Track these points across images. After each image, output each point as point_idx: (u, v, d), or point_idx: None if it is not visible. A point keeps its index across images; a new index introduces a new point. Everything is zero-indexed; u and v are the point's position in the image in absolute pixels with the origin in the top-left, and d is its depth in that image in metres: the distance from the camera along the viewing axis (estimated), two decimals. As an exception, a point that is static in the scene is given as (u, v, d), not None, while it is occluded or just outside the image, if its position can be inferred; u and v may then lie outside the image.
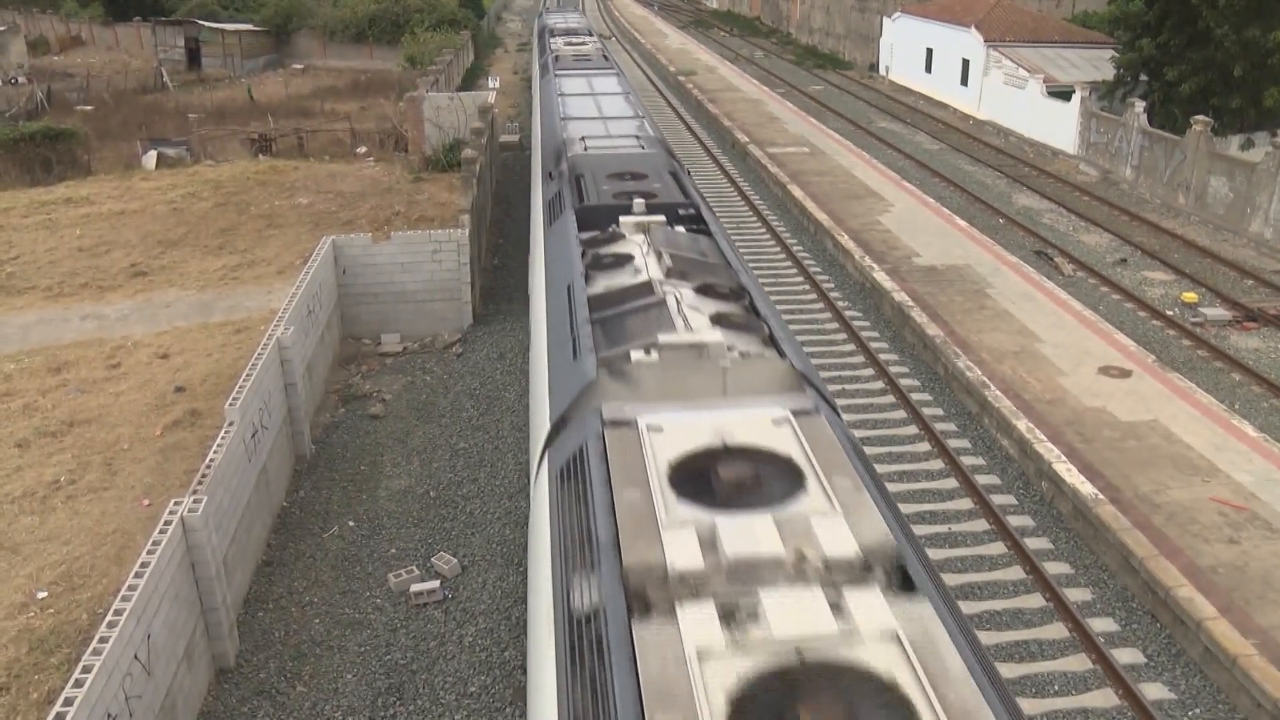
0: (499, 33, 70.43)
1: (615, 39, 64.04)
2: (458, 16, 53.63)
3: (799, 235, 23.58)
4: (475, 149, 21.43)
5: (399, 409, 15.02)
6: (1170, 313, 18.69)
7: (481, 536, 11.83)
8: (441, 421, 14.66)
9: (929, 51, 41.96)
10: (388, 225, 22.08)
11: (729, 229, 22.89)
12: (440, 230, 17.58)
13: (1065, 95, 31.21)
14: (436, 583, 10.84)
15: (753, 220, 24.78)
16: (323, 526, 12.09)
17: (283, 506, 12.45)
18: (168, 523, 8.81)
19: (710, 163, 30.77)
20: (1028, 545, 11.58)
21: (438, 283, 17.49)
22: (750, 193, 27.23)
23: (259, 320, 17.04)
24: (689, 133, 35.22)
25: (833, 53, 57.19)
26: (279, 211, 23.66)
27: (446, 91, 32.10)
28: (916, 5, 45.69)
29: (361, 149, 31.42)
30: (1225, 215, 23.72)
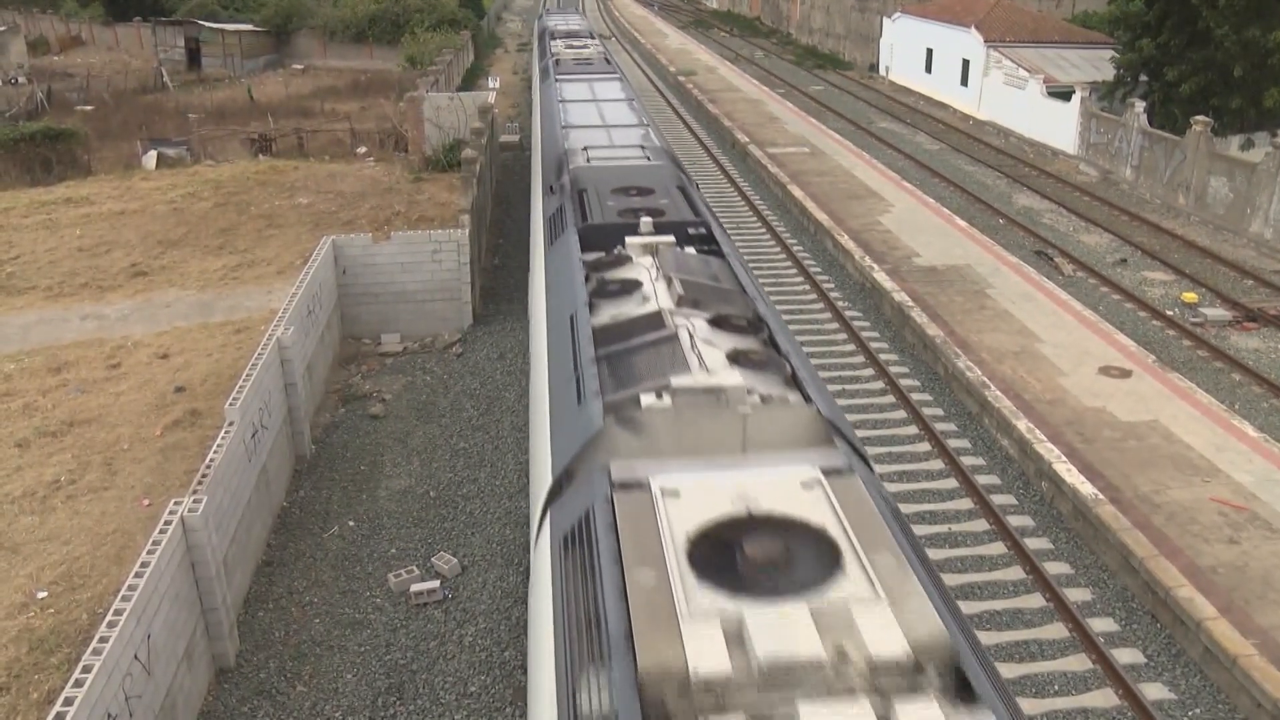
0: (499, 33, 70.44)
1: (615, 39, 64.06)
2: (458, 16, 53.65)
3: (799, 235, 23.59)
4: (475, 149, 21.43)
5: (399, 409, 15.03)
6: (1170, 313, 18.69)
7: (481, 536, 11.83)
8: (441, 421, 14.66)
9: (929, 52, 41.97)
10: (388, 225, 22.09)
11: (729, 228, 22.89)
12: (440, 230, 17.59)
13: (1065, 95, 31.22)
14: (436, 583, 10.84)
15: (753, 220, 24.79)
16: (323, 526, 12.10)
17: (283, 506, 12.45)
18: (168, 523, 8.82)
19: (710, 163, 30.79)
20: (1028, 545, 11.58)
21: (438, 283, 17.50)
22: (750, 193, 27.24)
23: (259, 320, 17.05)
24: (689, 133, 35.24)
25: (833, 53, 57.20)
26: (279, 211, 23.66)
27: (446, 91, 32.10)
28: (916, 5, 45.69)
29: (361, 149, 31.42)
30: (1225, 215, 23.73)
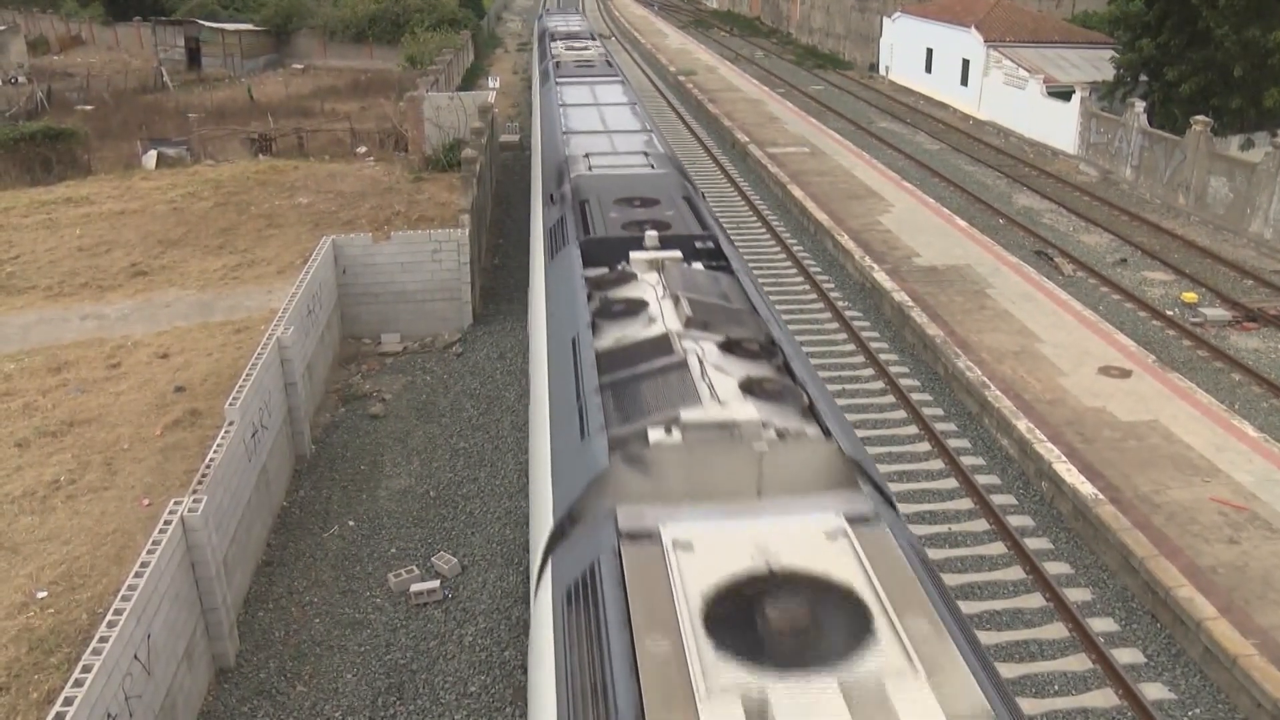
0: (499, 33, 70.43)
1: (615, 39, 64.06)
2: (458, 16, 53.66)
3: (799, 235, 23.59)
4: (475, 149, 21.43)
5: (399, 409, 15.03)
6: (1170, 313, 18.69)
7: (481, 536, 11.83)
8: (441, 421, 14.66)
9: (929, 51, 41.97)
10: (388, 225, 22.08)
11: (729, 228, 22.87)
12: (440, 230, 17.59)
13: (1065, 95, 31.22)
14: (436, 582, 10.84)
15: (753, 220, 24.79)
16: (323, 526, 12.10)
17: (283, 506, 12.45)
18: (168, 522, 8.81)
19: (710, 163, 30.79)
20: (1028, 545, 11.58)
21: (438, 283, 17.50)
22: (750, 193, 27.24)
23: (259, 320, 17.04)
24: (689, 132, 35.24)
25: (833, 53, 57.20)
26: (279, 211, 23.66)
27: (446, 91, 32.10)
28: (916, 5, 45.70)
29: (361, 149, 31.43)
30: (1225, 215, 23.72)
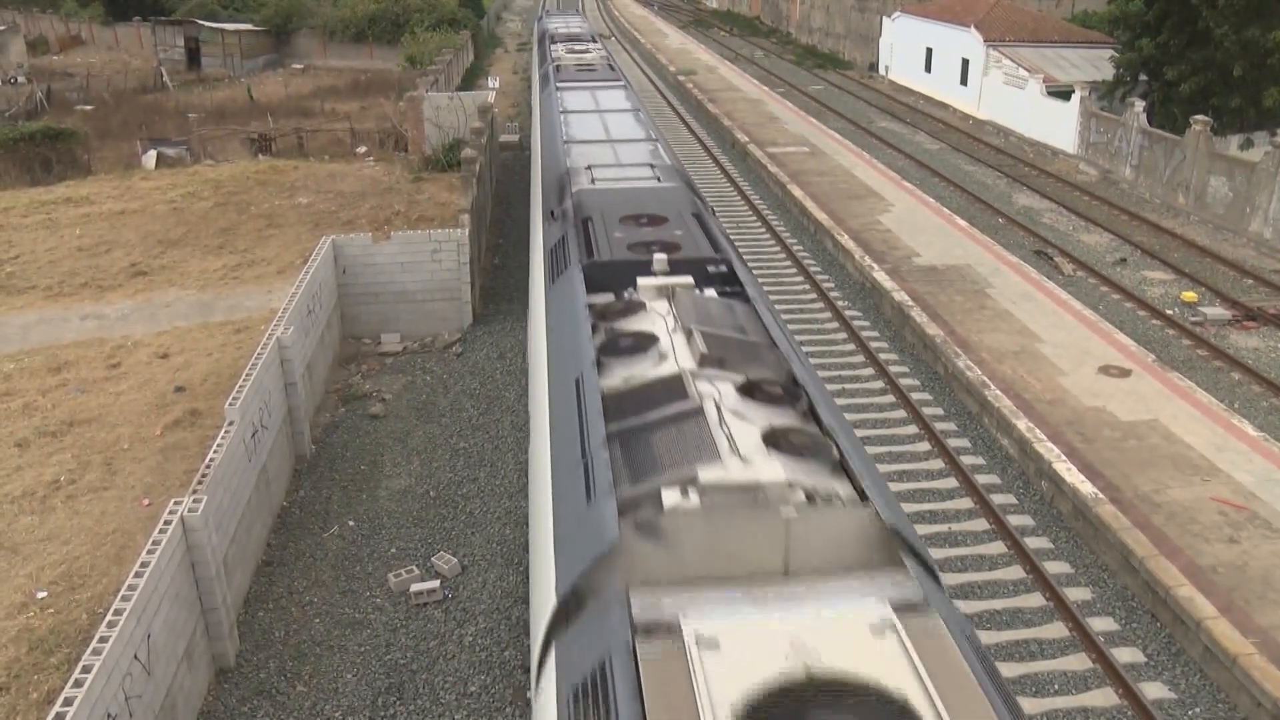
0: (499, 32, 70.44)
1: (615, 38, 64.06)
2: (457, 16, 53.67)
3: (799, 235, 23.59)
4: (475, 149, 21.43)
5: (399, 409, 15.03)
6: (1170, 312, 18.69)
7: (481, 536, 11.83)
8: (441, 421, 14.66)
9: (929, 51, 41.96)
10: (388, 225, 22.08)
11: (729, 227, 22.87)
12: (440, 230, 17.59)
13: (1065, 95, 31.21)
14: (436, 582, 10.84)
15: (752, 220, 24.79)
16: (323, 526, 12.10)
17: (283, 506, 12.46)
18: (167, 522, 8.82)
19: (710, 162, 30.79)
20: (1028, 545, 11.58)
21: (438, 282, 17.50)
22: (750, 192, 27.24)
23: (259, 320, 17.04)
24: (689, 132, 35.24)
25: (832, 52, 57.20)
26: (279, 211, 23.66)
27: (446, 91, 32.11)
28: (916, 5, 45.69)
29: (361, 149, 31.42)
30: (1225, 215, 23.72)
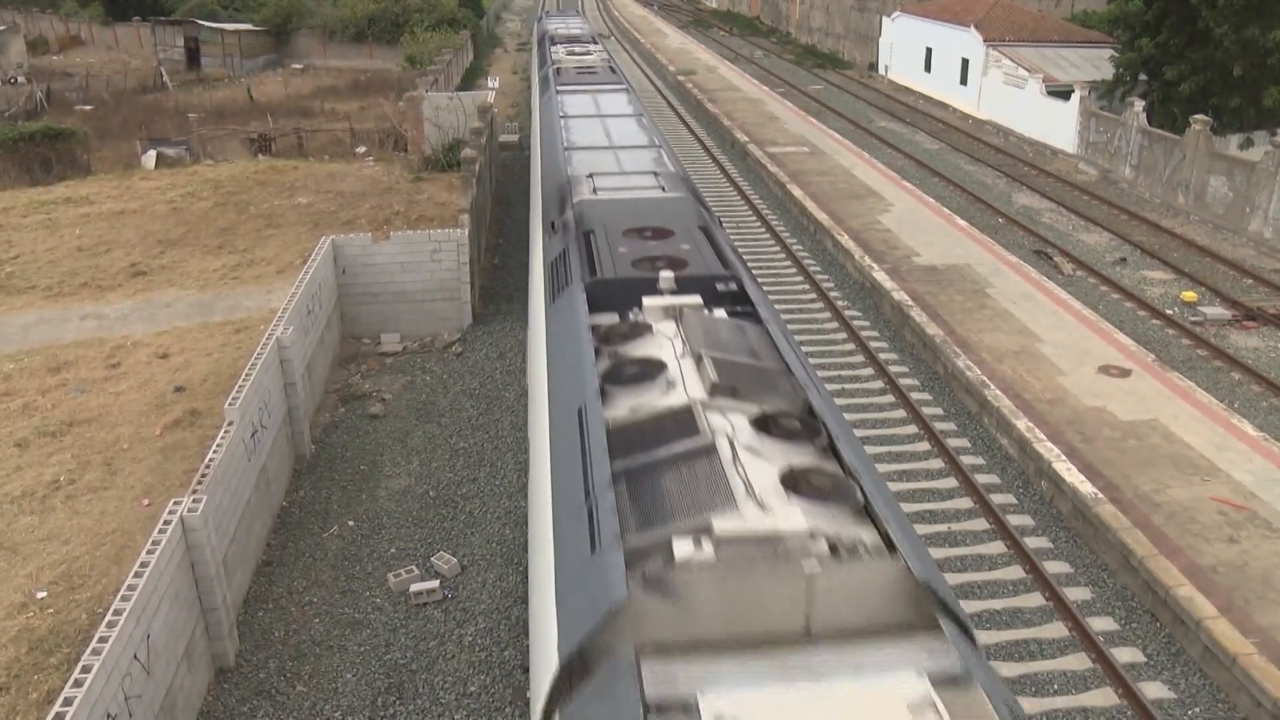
0: (498, 32, 70.44)
1: (615, 38, 64.07)
2: (457, 16, 53.68)
3: (799, 235, 23.59)
4: (475, 149, 21.43)
5: (399, 409, 15.03)
6: (1170, 312, 18.69)
7: (481, 536, 11.84)
8: (441, 421, 14.66)
9: (928, 51, 41.97)
10: (387, 225, 22.08)
11: (729, 228, 22.85)
12: (440, 230, 17.59)
13: (1065, 95, 31.21)
14: (436, 582, 10.84)
15: (752, 220, 24.79)
16: (322, 526, 12.10)
17: (282, 506, 12.45)
18: (167, 522, 8.82)
19: (710, 162, 30.79)
20: (1027, 544, 11.59)
21: (437, 282, 17.50)
22: (750, 192, 27.24)
23: (259, 320, 17.04)
24: (688, 132, 35.24)
25: (832, 52, 57.21)
26: (279, 211, 23.66)
27: (446, 91, 32.10)
28: (916, 5, 45.69)
29: (361, 149, 31.42)
30: (1225, 214, 23.73)
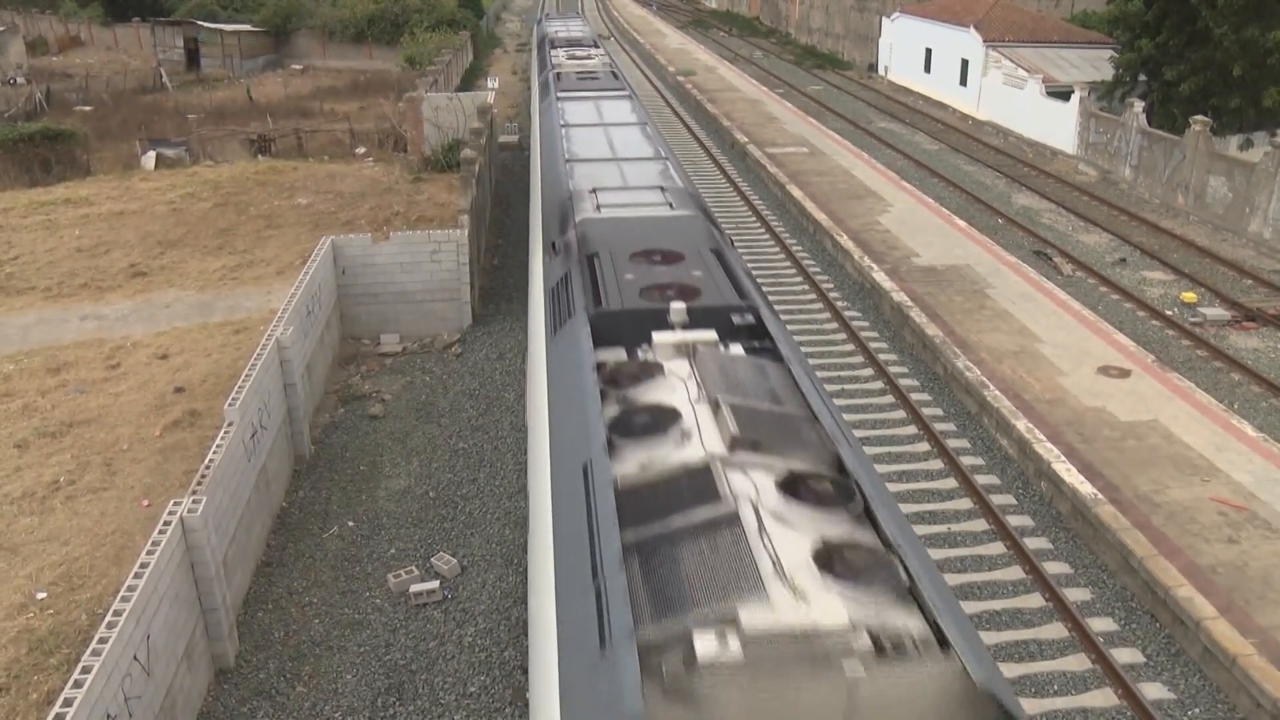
0: (498, 33, 70.44)
1: (614, 39, 64.08)
2: (457, 17, 53.68)
3: (798, 235, 23.58)
4: (474, 149, 21.43)
5: (398, 409, 15.03)
6: (1169, 312, 18.70)
7: (481, 536, 11.84)
8: (441, 421, 14.66)
9: (928, 51, 41.97)
10: (387, 225, 22.08)
11: (729, 228, 22.86)
12: (440, 230, 17.60)
13: (1064, 95, 31.22)
14: (436, 583, 10.84)
15: (752, 220, 24.79)
16: (322, 526, 12.10)
17: (282, 506, 12.45)
18: (167, 523, 8.82)
19: (709, 163, 30.79)
20: (1027, 545, 11.59)
21: (437, 283, 17.50)
22: (749, 193, 27.24)
23: (258, 320, 17.04)
24: (688, 132, 35.24)
25: (832, 53, 57.22)
26: (278, 212, 23.66)
27: (445, 92, 32.10)
28: (916, 5, 45.70)
29: (361, 149, 31.42)
30: (1224, 215, 23.73)
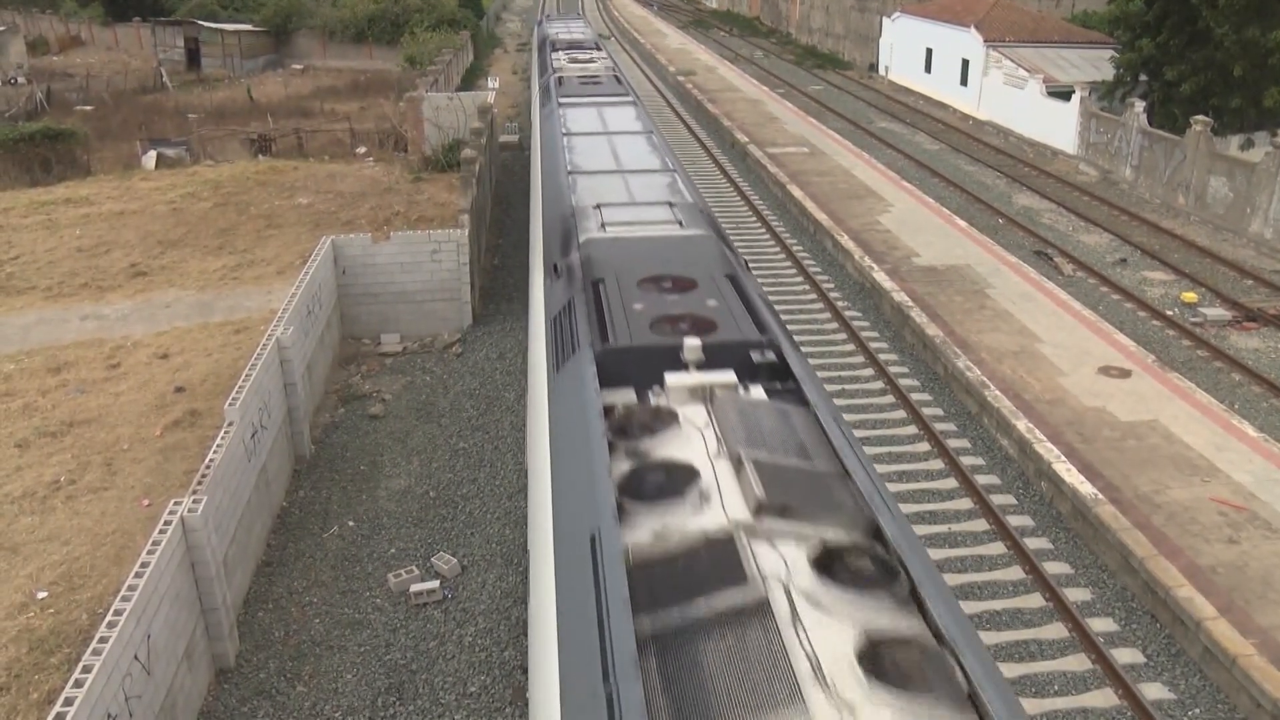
0: (498, 33, 70.45)
1: (615, 39, 64.09)
2: (457, 16, 53.69)
3: (798, 235, 23.58)
4: (475, 149, 21.43)
5: (399, 409, 15.03)
6: (1170, 313, 18.69)
7: (481, 536, 11.84)
8: (441, 421, 14.66)
9: (929, 51, 41.96)
10: (387, 225, 22.08)
11: (729, 227, 22.85)
12: (440, 230, 17.60)
13: (1065, 95, 31.21)
14: (436, 583, 10.84)
15: (752, 220, 24.79)
16: (322, 526, 12.10)
17: (282, 506, 12.46)
18: (167, 523, 8.82)
19: (710, 163, 30.79)
20: (1027, 545, 11.59)
21: (437, 283, 17.50)
22: (750, 193, 27.24)
23: (259, 320, 17.04)
24: (688, 132, 35.24)
25: (832, 53, 57.21)
26: (279, 211, 23.66)
27: (446, 91, 32.10)
28: (916, 5, 45.69)
29: (361, 149, 31.42)
30: (1225, 215, 23.73)
